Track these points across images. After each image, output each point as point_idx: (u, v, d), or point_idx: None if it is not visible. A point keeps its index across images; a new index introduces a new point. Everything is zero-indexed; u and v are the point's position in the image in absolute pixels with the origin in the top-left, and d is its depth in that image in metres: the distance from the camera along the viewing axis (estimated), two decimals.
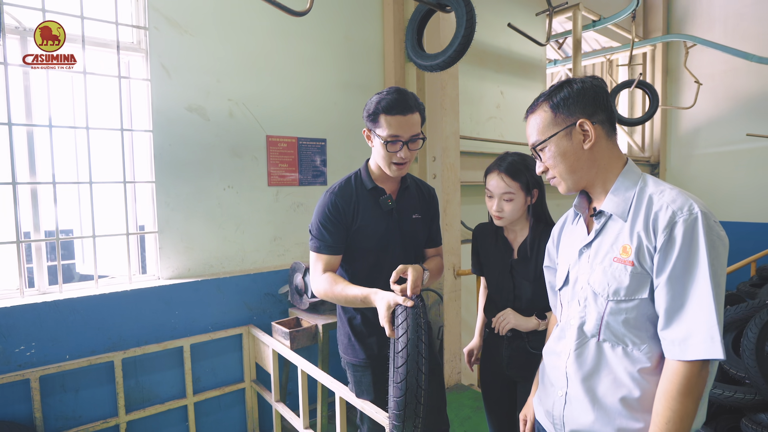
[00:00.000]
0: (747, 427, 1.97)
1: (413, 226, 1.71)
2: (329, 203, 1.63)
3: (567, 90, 1.08)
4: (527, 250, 1.69)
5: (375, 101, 1.55)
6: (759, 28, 6.01)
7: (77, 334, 2.24)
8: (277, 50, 2.93)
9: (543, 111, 1.11)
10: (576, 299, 1.13)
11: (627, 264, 1.01)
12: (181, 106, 2.56)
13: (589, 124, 1.06)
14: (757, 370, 1.91)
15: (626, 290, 1.01)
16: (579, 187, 1.13)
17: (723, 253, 0.95)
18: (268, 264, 2.94)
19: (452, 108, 3.46)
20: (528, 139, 1.17)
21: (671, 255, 0.95)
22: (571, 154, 1.08)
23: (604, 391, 1.05)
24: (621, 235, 1.05)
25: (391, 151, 1.54)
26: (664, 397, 0.95)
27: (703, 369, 0.94)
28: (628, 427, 1.02)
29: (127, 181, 2.47)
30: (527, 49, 4.89)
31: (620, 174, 1.09)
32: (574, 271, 1.16)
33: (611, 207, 1.07)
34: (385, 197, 1.65)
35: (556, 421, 1.16)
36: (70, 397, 2.23)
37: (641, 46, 6.55)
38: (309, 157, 3.10)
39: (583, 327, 1.10)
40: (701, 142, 6.62)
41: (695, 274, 0.93)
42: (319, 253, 1.64)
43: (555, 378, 1.17)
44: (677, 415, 0.93)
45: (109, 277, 2.52)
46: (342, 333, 1.76)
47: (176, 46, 2.53)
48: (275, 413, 2.49)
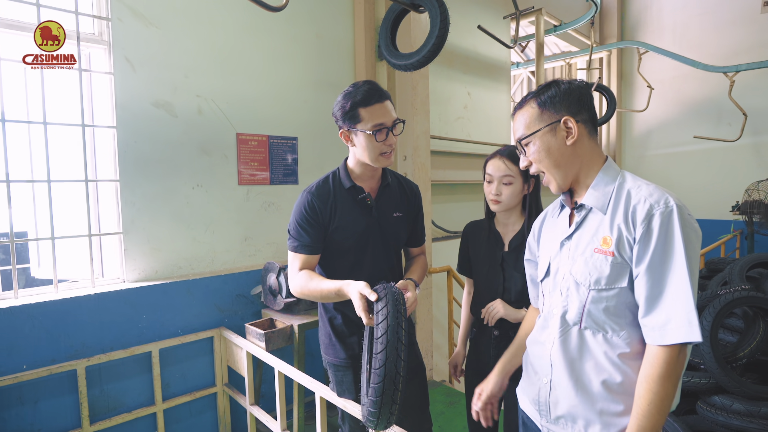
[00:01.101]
0: (702, 409, 2.11)
1: (394, 225, 1.71)
2: (306, 203, 1.61)
3: (554, 89, 1.14)
4: (519, 240, 1.72)
5: (347, 99, 1.53)
6: (703, 38, 6.44)
7: (35, 343, 2.11)
8: (247, 46, 2.86)
9: (530, 107, 1.16)
10: (558, 289, 1.18)
11: (607, 254, 1.07)
12: (147, 102, 2.46)
13: (572, 122, 1.11)
14: (711, 356, 2.05)
15: (607, 279, 1.06)
16: (567, 183, 1.18)
17: (696, 242, 1.01)
18: (239, 265, 2.88)
19: (423, 108, 3.50)
20: (514, 134, 1.22)
21: (649, 245, 1.01)
22: (555, 150, 1.14)
23: (587, 377, 1.10)
24: (601, 227, 1.10)
25: (380, 141, 1.53)
26: (645, 381, 1.01)
27: (681, 352, 1.00)
28: (609, 409, 1.08)
29: (89, 179, 2.35)
30: (493, 52, 5.01)
31: (600, 170, 1.15)
32: (555, 262, 1.21)
33: (591, 201, 1.13)
34: (364, 196, 1.65)
35: (542, 408, 1.20)
36: (28, 410, 2.10)
37: (598, 51, 6.86)
38: (280, 155, 3.06)
39: (566, 316, 1.15)
40: (653, 144, 7.01)
41: (672, 263, 0.99)
42: (296, 252, 1.62)
43: (540, 366, 1.22)
44: (658, 397, 0.99)
45: (70, 281, 2.38)
46: (323, 333, 1.75)
47: (141, 38, 2.43)
48: (250, 416, 2.44)
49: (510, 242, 1.75)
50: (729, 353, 2.09)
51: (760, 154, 6.09)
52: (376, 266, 1.68)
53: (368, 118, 1.51)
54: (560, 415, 1.15)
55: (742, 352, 2.07)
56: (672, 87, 6.73)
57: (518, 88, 7.86)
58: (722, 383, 2.01)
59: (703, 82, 6.38)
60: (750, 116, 5.68)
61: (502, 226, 1.79)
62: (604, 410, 1.08)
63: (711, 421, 2.03)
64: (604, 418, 1.08)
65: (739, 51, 6.08)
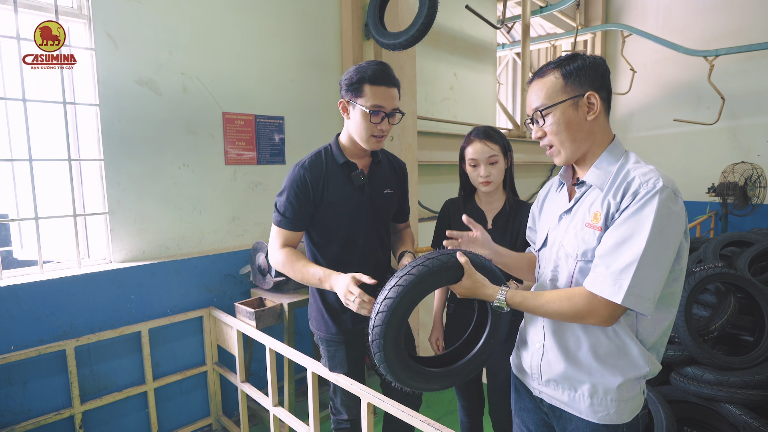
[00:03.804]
0: (675, 379, 2.22)
1: (385, 202, 1.73)
2: (298, 178, 1.60)
3: (580, 61, 1.12)
4: (504, 218, 1.77)
5: (359, 70, 1.52)
6: (685, 22, 6.51)
7: (23, 324, 2.09)
8: (233, 23, 2.80)
9: (554, 77, 1.14)
10: (552, 260, 1.24)
11: (596, 229, 1.11)
12: (130, 79, 2.40)
13: (596, 98, 1.11)
14: (685, 330, 2.15)
15: (593, 251, 1.12)
16: (575, 158, 1.19)
17: (672, 225, 1.03)
18: (227, 245, 2.87)
19: (410, 88, 3.49)
20: (530, 104, 1.19)
21: (624, 216, 1.05)
22: (575, 124, 1.13)
23: (574, 342, 1.18)
24: (595, 203, 1.14)
25: (374, 122, 1.53)
26: (566, 296, 1.10)
27: (606, 308, 1.05)
28: (596, 371, 1.15)
29: (72, 158, 2.30)
30: (480, 33, 5.00)
31: (606, 149, 1.17)
32: (552, 234, 1.26)
33: (593, 179, 1.15)
34: (357, 172, 1.65)
35: (534, 371, 1.28)
36: (17, 390, 2.09)
37: (583, 33, 6.89)
38: (267, 135, 3.03)
39: (557, 284, 1.21)
40: (634, 126, 7.13)
41: (635, 237, 1.02)
42: (281, 227, 1.63)
43: (533, 333, 1.29)
44: (557, 311, 1.11)
45: (55, 262, 2.35)
46: (314, 309, 1.78)
47: (124, 13, 2.35)
48: (241, 393, 2.47)
49: (494, 220, 1.80)
50: (702, 327, 2.19)
51: (736, 137, 6.26)
52: (367, 242, 1.71)
53: (370, 96, 1.51)
54: (551, 378, 1.22)
55: (713, 326, 2.18)
56: (654, 70, 6.83)
57: (503, 70, 7.86)
58: (695, 355, 2.11)
59: (684, 65, 6.48)
60: (727, 100, 5.81)
61: (486, 204, 1.84)
62: (592, 372, 1.15)
63: (684, 390, 2.15)
64: (592, 379, 1.15)
65: (720, 36, 6.18)
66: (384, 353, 1.20)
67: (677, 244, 1.05)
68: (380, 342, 1.20)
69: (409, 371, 1.26)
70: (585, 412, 1.16)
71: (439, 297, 2.05)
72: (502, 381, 1.84)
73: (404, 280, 1.20)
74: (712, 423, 2.16)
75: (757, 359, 2.09)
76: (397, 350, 1.22)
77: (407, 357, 1.26)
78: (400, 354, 1.23)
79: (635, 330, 1.13)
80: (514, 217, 1.78)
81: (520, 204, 1.82)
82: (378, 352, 1.21)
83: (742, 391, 1.99)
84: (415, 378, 1.27)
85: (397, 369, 1.23)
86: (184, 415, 2.67)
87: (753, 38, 5.75)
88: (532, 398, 1.33)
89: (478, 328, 1.42)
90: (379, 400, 1.54)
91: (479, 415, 2.01)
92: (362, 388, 1.62)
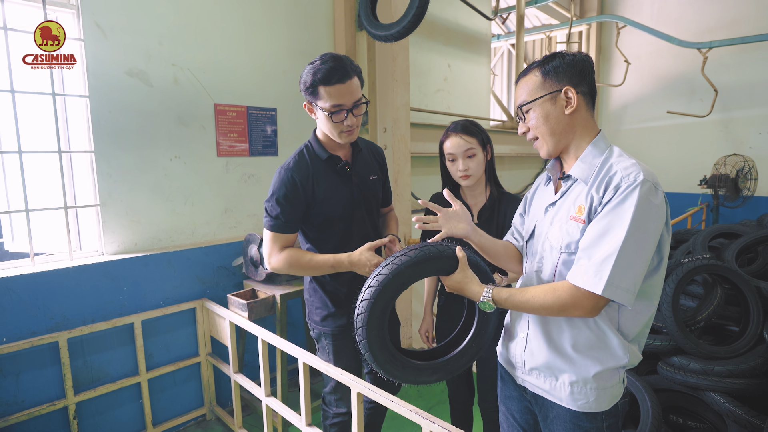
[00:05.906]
0: (662, 369, 2.26)
1: (373, 188, 1.77)
2: (286, 180, 1.59)
3: (559, 60, 1.18)
4: (489, 211, 1.79)
5: (310, 73, 1.50)
6: (680, 13, 6.50)
7: (15, 316, 2.09)
8: (224, 13, 2.78)
9: (534, 76, 1.21)
10: (538, 252, 1.27)
11: (579, 222, 1.14)
12: (120, 70, 2.38)
13: (573, 92, 1.15)
14: (672, 320, 2.19)
15: (576, 244, 1.14)
16: (558, 150, 1.23)
17: (652, 219, 1.05)
18: (220, 236, 2.88)
19: (403, 79, 3.48)
20: (516, 99, 1.27)
21: (606, 209, 1.07)
22: (553, 118, 1.18)
23: (556, 332, 1.21)
24: (580, 196, 1.16)
25: (336, 122, 1.53)
26: (551, 290, 1.13)
27: (589, 300, 1.07)
28: (578, 360, 1.17)
29: (63, 150, 2.29)
30: (474, 23, 4.97)
31: (590, 143, 1.19)
32: (539, 226, 1.29)
33: (578, 172, 1.18)
34: (343, 164, 1.67)
35: (517, 360, 1.31)
36: (10, 382, 2.10)
37: (578, 24, 6.87)
38: (259, 126, 3.02)
39: (541, 275, 1.24)
40: (628, 118, 7.15)
41: (615, 228, 1.05)
42: (276, 232, 1.62)
43: (518, 323, 1.32)
44: (542, 305, 1.13)
45: (47, 254, 2.35)
46: (317, 300, 1.77)
47: (113, 3, 2.33)
48: (234, 384, 2.49)
49: (479, 214, 1.82)
50: (689, 317, 2.23)
51: (728, 129, 6.29)
52: (363, 230, 1.73)
53: (327, 97, 1.50)
54: (534, 366, 1.25)
55: (700, 316, 2.22)
56: (648, 62, 6.83)
57: (498, 61, 7.84)
58: (681, 345, 2.15)
59: (678, 57, 6.48)
60: (720, 92, 5.83)
61: (470, 198, 1.85)
62: (573, 361, 1.18)
63: (670, 379, 2.19)
64: (573, 368, 1.18)
65: (714, 27, 6.18)
66: (367, 328, 1.24)
67: (657, 236, 1.07)
68: (365, 316, 1.24)
69: (384, 351, 1.29)
70: (565, 400, 1.19)
71: (429, 289, 2.07)
72: (491, 371, 1.86)
73: (399, 260, 1.25)
74: (697, 411, 2.20)
75: (741, 349, 2.13)
76: (381, 329, 1.26)
77: (388, 337, 1.29)
78: (382, 334, 1.27)
79: (617, 322, 1.16)
80: (499, 210, 1.79)
81: (505, 196, 1.84)
82: (360, 327, 1.26)
83: (727, 380, 2.03)
84: (391, 362, 1.30)
85: (377, 349, 1.27)
86: (178, 405, 2.69)
87: (747, 30, 5.76)
88: (517, 387, 1.36)
89: (465, 330, 1.45)
90: (368, 390, 1.56)
91: (469, 404, 2.04)
92: (353, 378, 1.64)
